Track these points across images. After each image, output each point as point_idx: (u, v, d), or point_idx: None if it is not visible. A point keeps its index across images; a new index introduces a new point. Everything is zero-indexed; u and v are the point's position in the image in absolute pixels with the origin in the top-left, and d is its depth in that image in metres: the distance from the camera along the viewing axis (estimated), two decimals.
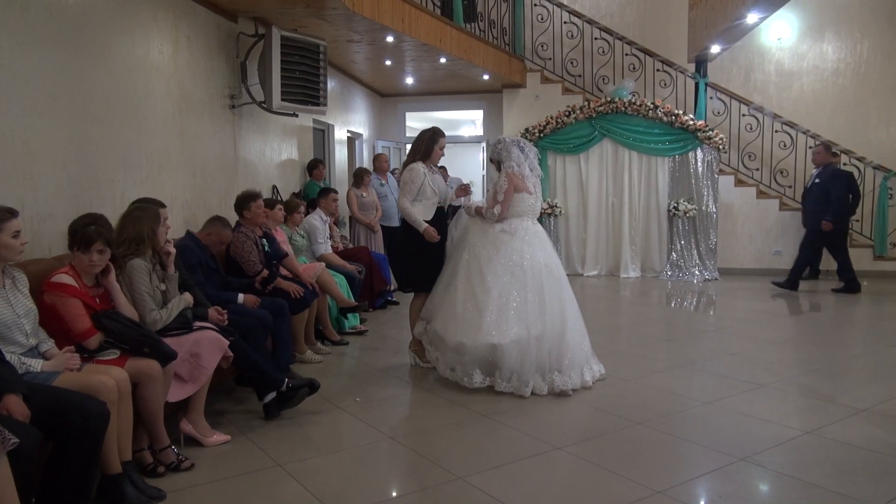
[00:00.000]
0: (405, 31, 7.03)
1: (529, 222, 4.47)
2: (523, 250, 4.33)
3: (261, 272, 4.75)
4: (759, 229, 9.56)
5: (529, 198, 4.46)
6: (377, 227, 7.93)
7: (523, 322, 4.19)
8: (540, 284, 4.27)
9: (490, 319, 4.20)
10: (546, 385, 4.19)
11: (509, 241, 4.37)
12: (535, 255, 4.34)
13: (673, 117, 9.21)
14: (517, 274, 4.29)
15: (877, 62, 10.26)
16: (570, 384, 4.19)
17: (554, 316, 4.25)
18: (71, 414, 2.48)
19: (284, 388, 3.75)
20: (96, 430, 2.56)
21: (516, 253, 4.33)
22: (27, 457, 2.25)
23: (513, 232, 4.39)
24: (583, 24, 10.18)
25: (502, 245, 4.37)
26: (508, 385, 4.18)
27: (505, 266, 4.31)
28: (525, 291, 4.25)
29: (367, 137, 10.87)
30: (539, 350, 4.18)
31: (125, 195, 4.28)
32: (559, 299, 4.33)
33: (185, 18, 5.18)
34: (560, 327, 4.26)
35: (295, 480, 3.06)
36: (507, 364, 4.17)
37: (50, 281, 2.97)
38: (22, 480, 2.21)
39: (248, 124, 6.29)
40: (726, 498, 2.93)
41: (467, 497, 2.90)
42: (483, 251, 4.40)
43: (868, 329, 6.60)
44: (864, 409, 3.94)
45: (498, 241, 4.39)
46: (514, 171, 4.45)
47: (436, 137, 4.75)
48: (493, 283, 4.27)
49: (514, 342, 4.15)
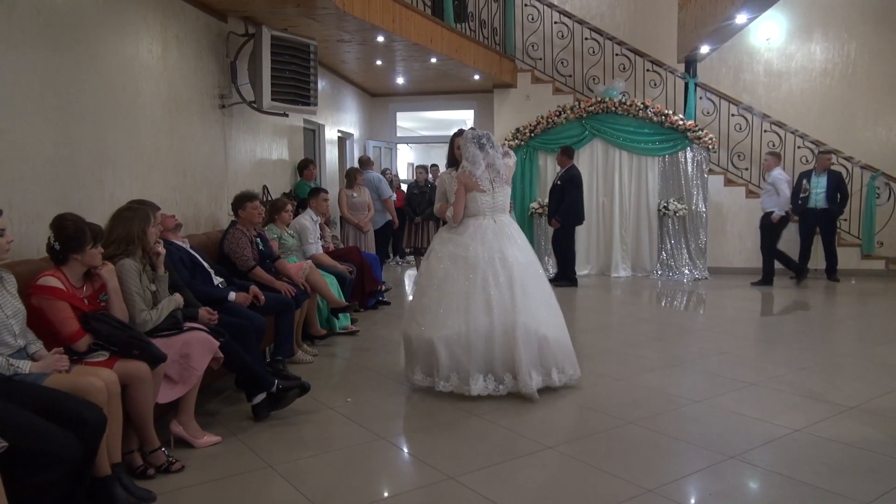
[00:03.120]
0: (396, 30, 7.02)
1: (485, 219, 4.35)
2: (468, 244, 4.25)
3: (254, 268, 4.77)
4: (748, 229, 9.61)
5: (482, 196, 4.34)
6: (367, 227, 7.92)
7: (462, 317, 4.08)
8: (486, 279, 4.14)
9: (431, 315, 4.16)
10: (497, 385, 4.06)
11: (456, 237, 4.34)
12: (480, 250, 4.20)
13: (663, 117, 9.25)
14: (459, 266, 4.21)
15: (864, 63, 10.35)
16: (530, 384, 4.00)
17: (506, 311, 4.07)
18: (67, 417, 2.47)
19: (275, 389, 3.74)
20: (92, 435, 2.55)
21: (461, 247, 4.26)
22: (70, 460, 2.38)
23: (462, 231, 4.34)
24: (573, 25, 10.21)
25: (448, 241, 4.37)
26: (447, 385, 4.08)
27: (447, 259, 4.27)
28: (468, 286, 4.15)
29: (357, 137, 10.86)
30: (487, 347, 4.06)
31: (114, 195, 4.26)
32: (518, 294, 4.12)
33: (175, 18, 5.16)
34: (512, 323, 4.04)
35: (286, 481, 3.05)
36: (442, 361, 4.07)
37: (36, 284, 2.94)
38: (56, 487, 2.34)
39: (239, 124, 6.26)
40: (716, 496, 2.95)
41: (459, 497, 2.90)
42: (432, 250, 4.45)
43: (856, 327, 6.65)
44: (853, 406, 3.97)
45: (445, 237, 4.42)
46: (465, 171, 4.33)
47: (453, 139, 4.66)
48: (434, 278, 4.26)
49: (447, 337, 4.07)
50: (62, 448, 2.37)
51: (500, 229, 4.33)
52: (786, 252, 8.78)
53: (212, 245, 4.98)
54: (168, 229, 4.25)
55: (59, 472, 2.36)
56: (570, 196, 8.50)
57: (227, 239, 4.84)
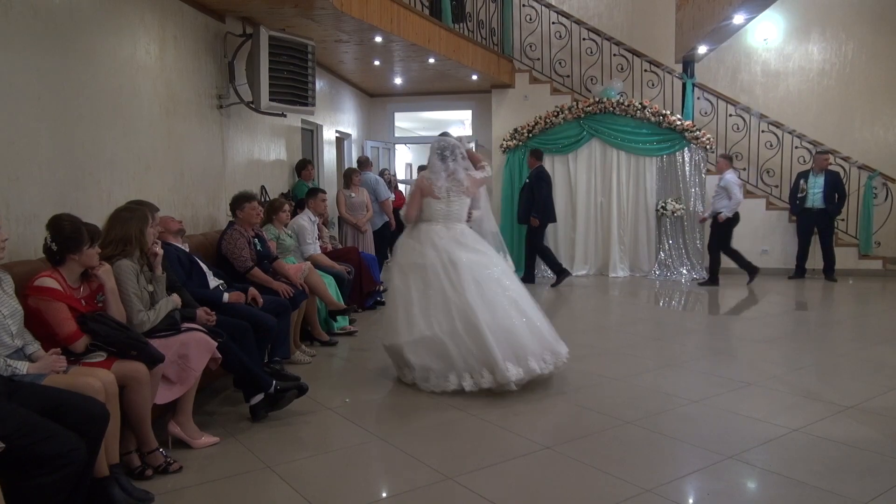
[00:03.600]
0: (394, 31, 7.02)
1: (437, 225, 4.52)
2: (424, 252, 4.44)
3: (251, 269, 4.76)
4: (746, 229, 9.58)
5: (436, 203, 4.52)
6: (365, 228, 7.92)
7: (425, 321, 4.27)
8: (441, 283, 4.31)
9: (398, 322, 4.39)
10: (474, 383, 4.17)
11: (412, 243, 4.56)
12: (433, 255, 4.39)
13: (661, 117, 9.26)
14: (418, 274, 4.41)
15: (861, 63, 10.37)
16: (507, 376, 4.08)
17: (464, 311, 4.20)
18: (71, 415, 2.47)
19: (272, 389, 3.74)
20: (97, 432, 2.55)
21: (416, 254, 4.47)
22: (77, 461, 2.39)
23: (416, 237, 4.56)
24: (571, 25, 10.21)
25: (408, 249, 4.58)
26: (427, 384, 4.26)
27: (407, 267, 4.49)
28: (427, 290, 4.34)
29: (355, 138, 10.85)
30: (457, 346, 4.19)
31: (111, 196, 4.25)
32: (472, 293, 4.24)
33: (172, 18, 5.15)
34: (474, 321, 4.16)
35: (284, 482, 3.05)
36: (414, 363, 4.27)
37: (33, 285, 2.93)
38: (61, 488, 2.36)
39: (236, 124, 6.26)
40: (714, 496, 2.95)
41: (457, 497, 2.91)
42: (394, 261, 4.70)
43: (854, 327, 6.66)
44: (850, 406, 3.98)
45: (404, 244, 4.65)
46: (424, 177, 4.61)
47: None
48: (398, 289, 4.49)
49: (413, 342, 4.27)
50: (71, 450, 2.38)
51: (452, 235, 4.51)
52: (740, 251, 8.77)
53: (210, 246, 4.98)
54: (170, 232, 4.25)
55: (66, 472, 2.37)
56: (540, 193, 8.61)
57: (224, 240, 4.84)
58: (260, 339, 4.11)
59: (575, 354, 5.34)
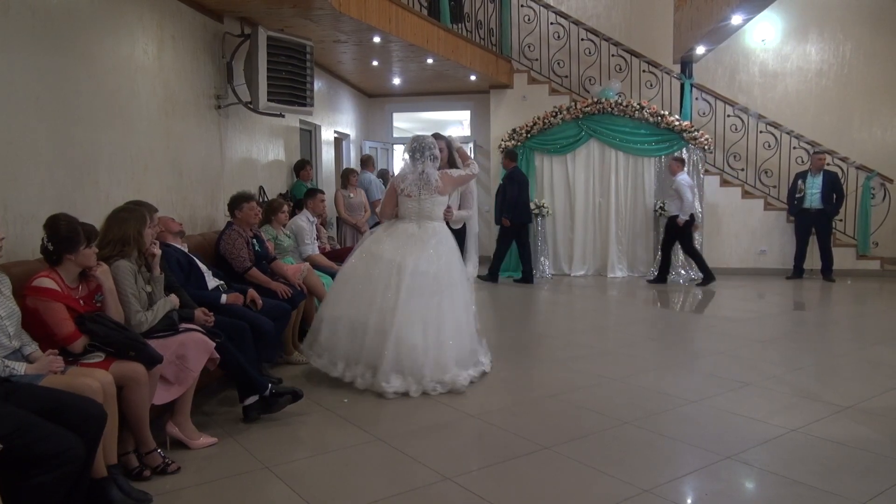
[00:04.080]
0: (392, 31, 7.02)
1: (410, 224, 4.65)
2: (384, 245, 4.60)
3: (249, 269, 4.75)
4: (744, 229, 9.64)
5: (409, 201, 4.65)
6: (365, 228, 7.92)
7: (347, 304, 4.47)
8: (382, 279, 4.43)
9: (331, 296, 4.70)
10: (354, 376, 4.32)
11: (382, 235, 4.73)
12: (389, 252, 4.52)
13: (659, 118, 9.27)
14: (370, 262, 4.58)
15: (859, 63, 10.39)
16: (382, 385, 4.18)
17: (384, 313, 4.32)
18: (69, 415, 2.47)
19: (268, 392, 3.74)
20: (95, 432, 2.55)
21: (379, 245, 4.64)
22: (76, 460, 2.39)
23: (387, 229, 4.73)
24: (569, 26, 10.22)
25: (374, 237, 4.79)
26: (319, 361, 4.50)
27: (366, 254, 4.67)
28: (366, 280, 4.51)
29: (354, 138, 10.85)
30: (356, 338, 4.35)
31: (109, 196, 4.24)
32: (402, 301, 4.31)
33: (171, 18, 5.15)
34: (387, 325, 4.27)
35: (283, 482, 3.04)
36: (321, 339, 4.51)
37: (31, 285, 2.93)
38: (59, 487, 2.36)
39: (235, 125, 6.25)
40: (713, 496, 2.95)
41: (456, 497, 2.91)
42: (360, 244, 4.91)
43: (851, 327, 6.67)
44: (849, 406, 3.98)
45: (374, 232, 4.87)
46: (397, 176, 4.80)
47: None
48: (347, 268, 4.72)
49: (332, 318, 4.50)
50: (69, 448, 2.38)
51: (420, 235, 4.59)
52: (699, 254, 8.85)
53: (208, 246, 4.97)
54: (171, 232, 4.24)
55: (63, 472, 2.36)
56: (511, 193, 8.70)
57: (223, 240, 4.83)
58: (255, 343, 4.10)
59: (574, 355, 5.37)
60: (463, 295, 4.63)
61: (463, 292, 4.64)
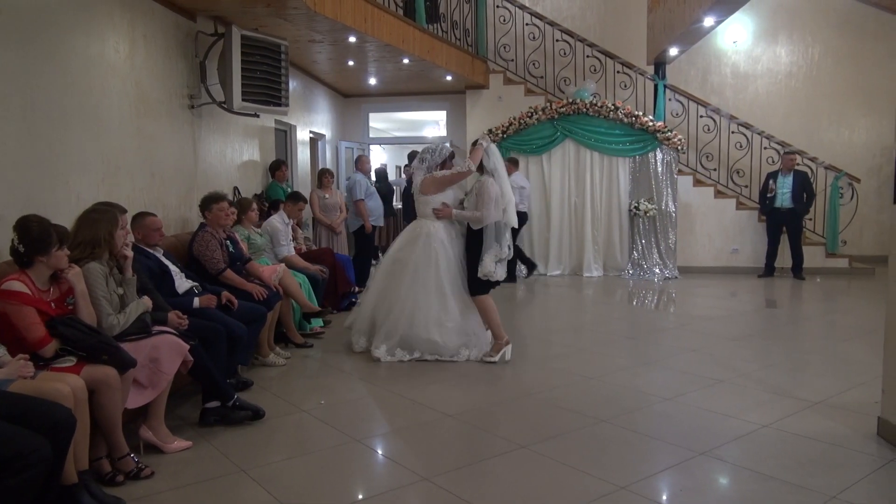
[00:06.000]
0: (368, 31, 7.00)
1: (416, 221, 5.23)
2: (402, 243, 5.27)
3: (223, 271, 4.70)
4: (717, 228, 9.77)
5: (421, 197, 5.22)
6: (340, 229, 7.89)
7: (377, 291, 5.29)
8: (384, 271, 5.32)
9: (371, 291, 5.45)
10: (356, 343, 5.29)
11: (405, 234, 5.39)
12: (392, 247, 5.39)
13: (633, 118, 9.36)
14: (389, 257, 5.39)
15: (827, 65, 10.61)
16: (377, 352, 5.03)
17: (383, 295, 5.18)
18: (37, 421, 2.41)
19: (230, 403, 3.70)
20: (64, 438, 2.50)
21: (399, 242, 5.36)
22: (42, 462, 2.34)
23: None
24: (544, 26, 10.28)
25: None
26: (356, 346, 5.32)
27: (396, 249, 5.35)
28: (392, 273, 5.20)
29: (329, 138, 10.79)
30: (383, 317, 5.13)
31: (80, 197, 4.17)
32: (392, 286, 5.13)
33: (142, 17, 5.07)
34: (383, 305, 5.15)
35: (259, 485, 3.02)
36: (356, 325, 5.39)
37: (1, 288, 2.86)
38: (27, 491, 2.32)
39: (208, 125, 6.18)
40: (687, 492, 2.99)
41: (433, 498, 2.91)
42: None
43: (822, 324, 6.79)
44: (819, 401, 4.06)
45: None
46: None
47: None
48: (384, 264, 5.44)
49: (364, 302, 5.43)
50: (34, 450, 2.32)
51: (413, 228, 5.22)
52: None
53: (181, 247, 4.90)
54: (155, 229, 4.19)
55: (29, 474, 2.31)
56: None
57: (196, 242, 4.76)
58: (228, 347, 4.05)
59: (550, 353, 5.41)
60: (438, 285, 4.99)
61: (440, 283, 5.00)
